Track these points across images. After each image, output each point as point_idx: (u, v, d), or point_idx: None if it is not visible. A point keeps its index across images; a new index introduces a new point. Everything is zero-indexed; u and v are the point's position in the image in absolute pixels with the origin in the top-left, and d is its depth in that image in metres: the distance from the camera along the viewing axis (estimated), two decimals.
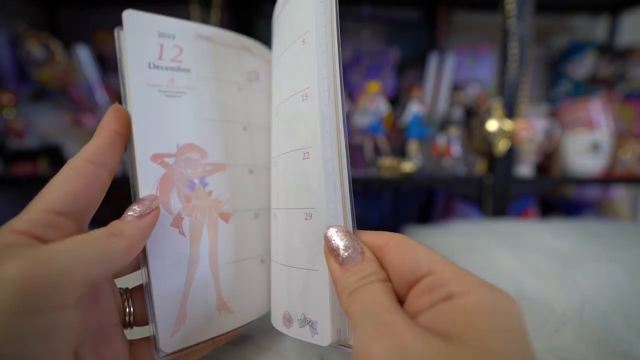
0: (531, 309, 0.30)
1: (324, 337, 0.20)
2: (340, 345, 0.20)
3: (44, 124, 0.75)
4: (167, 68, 0.23)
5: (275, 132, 0.25)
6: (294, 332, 0.22)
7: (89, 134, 0.21)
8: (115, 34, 0.23)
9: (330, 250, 0.18)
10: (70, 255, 0.16)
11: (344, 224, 0.19)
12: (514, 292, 0.32)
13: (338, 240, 0.18)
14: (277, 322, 0.23)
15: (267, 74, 0.30)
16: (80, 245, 0.16)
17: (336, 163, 0.19)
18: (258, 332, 0.28)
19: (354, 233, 0.19)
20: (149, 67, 0.22)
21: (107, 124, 0.21)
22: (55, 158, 0.74)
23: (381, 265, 0.18)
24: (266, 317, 0.28)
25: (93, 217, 0.21)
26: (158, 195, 0.22)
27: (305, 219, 0.21)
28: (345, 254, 0.18)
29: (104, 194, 0.20)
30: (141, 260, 0.21)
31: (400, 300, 0.17)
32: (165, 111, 0.23)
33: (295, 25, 0.22)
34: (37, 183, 0.19)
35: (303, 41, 0.21)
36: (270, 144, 0.29)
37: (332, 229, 0.19)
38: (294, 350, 0.26)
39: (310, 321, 0.20)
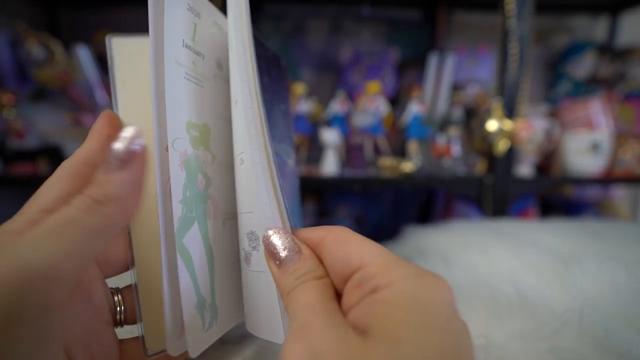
0: (531, 309, 0.30)
1: (278, 335, 0.20)
2: None
3: (44, 124, 0.75)
4: (192, 50, 0.22)
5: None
6: (257, 331, 0.22)
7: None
8: (107, 42, 0.22)
9: (269, 253, 0.19)
10: (49, 250, 0.14)
11: (281, 224, 0.19)
12: (513, 292, 0.32)
13: (275, 241, 0.18)
14: (246, 323, 0.24)
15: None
16: (62, 228, 0.15)
17: (266, 165, 0.19)
18: None
19: (292, 231, 0.19)
20: (179, 42, 0.21)
21: (99, 129, 0.20)
22: (55, 158, 0.74)
23: (321, 260, 0.18)
24: None
25: None
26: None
27: (248, 223, 0.21)
28: (282, 254, 0.18)
29: None
30: (129, 258, 0.21)
31: (340, 295, 0.17)
32: (188, 96, 0.21)
33: (230, 29, 0.22)
34: (37, 183, 0.19)
35: (232, 47, 0.21)
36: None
37: (268, 231, 0.19)
38: None
39: (266, 320, 0.21)
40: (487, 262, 0.40)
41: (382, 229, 0.97)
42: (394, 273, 0.15)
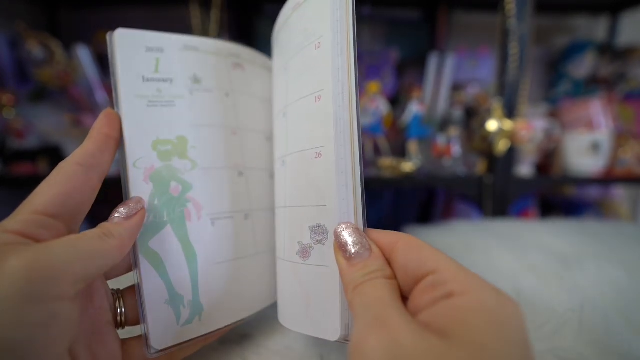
0: (531, 309, 0.30)
1: (333, 332, 0.20)
2: (347, 340, 0.20)
3: (44, 124, 0.75)
4: (155, 80, 0.24)
5: (282, 132, 0.26)
6: (302, 328, 0.22)
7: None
8: (108, 38, 0.23)
9: (339, 245, 0.19)
10: (67, 251, 0.16)
11: (355, 221, 0.20)
12: (513, 292, 0.32)
13: (347, 236, 0.19)
14: (284, 318, 0.24)
15: (259, 78, 0.30)
16: (75, 243, 0.17)
17: (349, 162, 0.20)
18: (258, 331, 0.28)
19: (364, 231, 0.20)
20: (138, 79, 0.24)
21: (99, 128, 0.21)
22: (55, 158, 0.74)
23: (388, 263, 0.18)
24: (266, 316, 0.28)
25: (89, 218, 0.21)
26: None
27: (316, 216, 0.21)
28: (354, 249, 0.18)
29: (95, 196, 0.21)
30: (132, 262, 0.22)
31: (405, 298, 0.17)
32: (153, 119, 0.24)
33: (309, 30, 0.23)
34: (37, 183, 0.19)
35: (317, 45, 0.22)
36: (264, 145, 0.30)
37: (341, 225, 0.19)
38: (294, 349, 0.26)
39: (319, 316, 0.21)
40: (487, 262, 0.40)
41: (382, 229, 0.97)
42: (470, 282, 0.15)
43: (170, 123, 0.24)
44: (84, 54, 0.72)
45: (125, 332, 0.22)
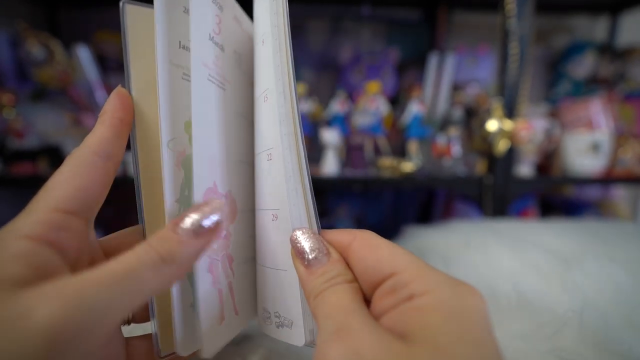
0: (531, 309, 0.30)
1: (299, 337, 0.20)
2: (314, 344, 0.20)
3: (44, 124, 0.75)
4: (215, 43, 0.21)
5: (251, 133, 0.25)
6: (273, 332, 0.22)
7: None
8: (121, 8, 0.19)
9: (297, 252, 0.18)
10: (109, 295, 0.13)
11: (309, 225, 0.19)
12: (513, 292, 0.32)
13: (304, 242, 0.18)
14: (259, 322, 0.24)
15: None
16: (122, 281, 0.14)
17: (296, 165, 0.19)
18: (258, 331, 0.28)
19: (319, 233, 0.19)
20: (205, 38, 0.20)
21: (112, 111, 0.18)
22: (55, 158, 0.74)
23: (348, 264, 0.18)
24: None
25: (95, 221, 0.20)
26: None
27: (272, 220, 0.21)
28: (311, 256, 0.18)
29: (109, 188, 0.18)
30: None
31: (367, 301, 0.17)
32: (211, 98, 0.20)
33: (259, 25, 0.22)
34: (37, 183, 0.18)
35: (263, 41, 0.21)
36: None
37: (297, 231, 0.19)
38: (294, 350, 0.26)
39: (286, 321, 0.21)
40: (487, 262, 0.40)
41: (382, 229, 0.96)
42: (430, 281, 0.15)
43: (221, 106, 0.21)
44: (84, 54, 0.72)
45: (127, 332, 0.22)
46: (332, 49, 0.94)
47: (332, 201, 0.97)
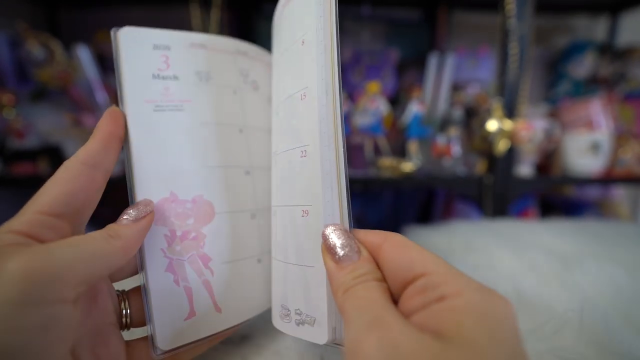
0: (531, 309, 0.30)
1: (322, 335, 0.20)
2: (336, 344, 0.20)
3: (44, 124, 0.75)
4: (163, 78, 0.24)
5: (275, 130, 0.26)
6: (292, 329, 0.22)
7: (89, 134, 0.22)
8: (112, 35, 0.23)
9: (328, 248, 0.19)
10: (69, 253, 0.16)
11: (341, 222, 0.20)
12: (513, 292, 0.32)
13: (335, 238, 0.19)
14: (276, 319, 0.24)
15: (265, 76, 0.30)
16: (79, 244, 0.17)
17: (333, 163, 0.20)
18: (258, 332, 0.28)
19: (350, 231, 0.20)
20: (145, 79, 0.23)
21: (103, 126, 0.21)
22: (55, 158, 0.74)
23: (377, 264, 0.18)
24: (265, 317, 0.28)
25: (92, 218, 0.21)
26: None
27: (302, 216, 0.21)
28: (342, 252, 0.18)
29: (100, 195, 0.21)
30: (138, 262, 0.22)
31: (395, 300, 0.17)
32: (160, 125, 0.23)
33: (296, 26, 0.22)
34: (37, 183, 0.19)
35: (302, 42, 0.21)
36: (268, 144, 0.29)
37: (329, 227, 0.19)
38: (294, 350, 0.26)
39: (307, 319, 0.21)
40: (487, 262, 0.40)
41: (382, 229, 0.96)
42: (461, 283, 0.15)
43: (178, 126, 0.24)
44: (84, 54, 0.72)
45: (129, 334, 0.22)
46: None
47: None
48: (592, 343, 0.25)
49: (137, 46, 0.23)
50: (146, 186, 0.22)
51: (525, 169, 0.79)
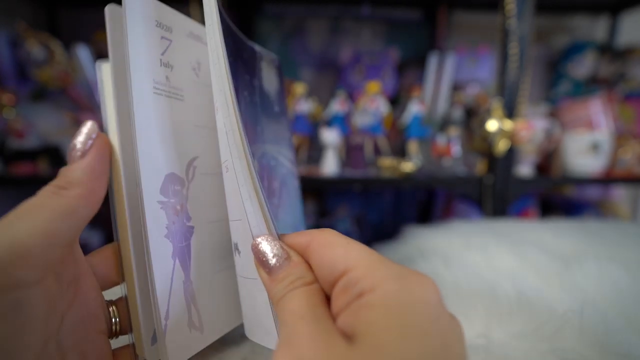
0: (531, 309, 0.30)
1: (274, 342, 0.20)
2: None
3: (44, 124, 0.75)
4: (164, 64, 0.22)
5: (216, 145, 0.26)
6: (256, 338, 0.22)
7: None
8: (97, 67, 0.22)
9: (259, 261, 0.18)
10: (21, 229, 0.15)
11: (268, 230, 0.19)
12: (513, 292, 0.32)
13: (264, 249, 0.18)
14: (246, 330, 0.24)
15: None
16: (27, 215, 0.16)
17: (247, 173, 0.19)
18: None
19: (279, 237, 0.19)
20: (150, 61, 0.21)
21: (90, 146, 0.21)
22: (55, 158, 0.74)
23: (310, 266, 0.18)
24: None
25: (94, 220, 0.21)
26: None
27: (239, 230, 0.21)
28: (272, 262, 0.18)
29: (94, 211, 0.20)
30: (120, 274, 0.22)
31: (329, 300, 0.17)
32: (163, 111, 0.22)
33: (207, 38, 0.21)
34: (37, 183, 0.19)
35: (210, 54, 0.21)
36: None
37: (257, 239, 0.19)
38: None
39: (263, 327, 0.21)
40: (487, 262, 0.40)
41: (382, 229, 0.97)
42: (378, 275, 0.14)
43: (178, 118, 0.23)
44: (84, 54, 0.72)
45: (115, 342, 0.22)
46: (332, 49, 0.94)
47: (332, 201, 0.97)
48: (592, 343, 0.25)
49: (142, 20, 0.21)
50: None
51: (525, 169, 0.79)
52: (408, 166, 0.71)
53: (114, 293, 0.23)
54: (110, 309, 0.22)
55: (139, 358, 0.22)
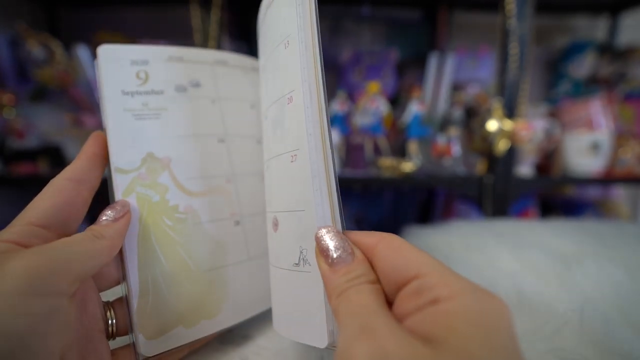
0: (531, 309, 0.30)
1: (321, 338, 0.19)
2: (334, 347, 0.20)
3: (44, 124, 0.75)
4: (140, 93, 0.25)
5: (265, 135, 0.26)
6: (293, 334, 0.22)
7: (88, 134, 0.23)
8: (95, 64, 0.25)
9: (321, 251, 0.18)
10: (64, 251, 0.18)
11: (333, 224, 0.19)
12: (513, 292, 0.32)
13: (328, 240, 0.18)
14: (277, 325, 0.24)
15: (249, 82, 0.30)
16: (70, 244, 0.19)
17: (322, 165, 0.19)
18: (258, 332, 0.28)
19: (343, 233, 0.19)
20: (124, 94, 0.24)
21: (87, 147, 0.24)
22: (55, 158, 0.74)
23: (371, 266, 0.18)
24: (266, 317, 0.28)
25: (92, 220, 0.22)
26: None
27: (297, 221, 0.21)
28: (335, 254, 0.18)
29: (86, 208, 0.23)
30: (122, 274, 0.23)
31: (389, 302, 0.17)
32: (138, 131, 0.25)
33: (279, 28, 0.22)
34: (37, 183, 0.19)
35: (286, 44, 0.21)
36: (256, 149, 0.30)
37: (322, 229, 0.19)
38: (294, 350, 0.26)
39: (306, 323, 0.20)
40: (487, 262, 0.40)
41: (382, 229, 0.96)
42: (455, 286, 0.14)
43: (157, 136, 0.25)
44: (84, 54, 0.72)
45: (114, 343, 0.23)
46: (332, 49, 0.94)
47: None
48: (592, 343, 0.25)
49: (115, 62, 0.24)
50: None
51: (525, 169, 0.79)
52: (408, 166, 0.71)
53: (114, 293, 0.24)
54: (107, 310, 0.23)
55: (139, 357, 0.22)
